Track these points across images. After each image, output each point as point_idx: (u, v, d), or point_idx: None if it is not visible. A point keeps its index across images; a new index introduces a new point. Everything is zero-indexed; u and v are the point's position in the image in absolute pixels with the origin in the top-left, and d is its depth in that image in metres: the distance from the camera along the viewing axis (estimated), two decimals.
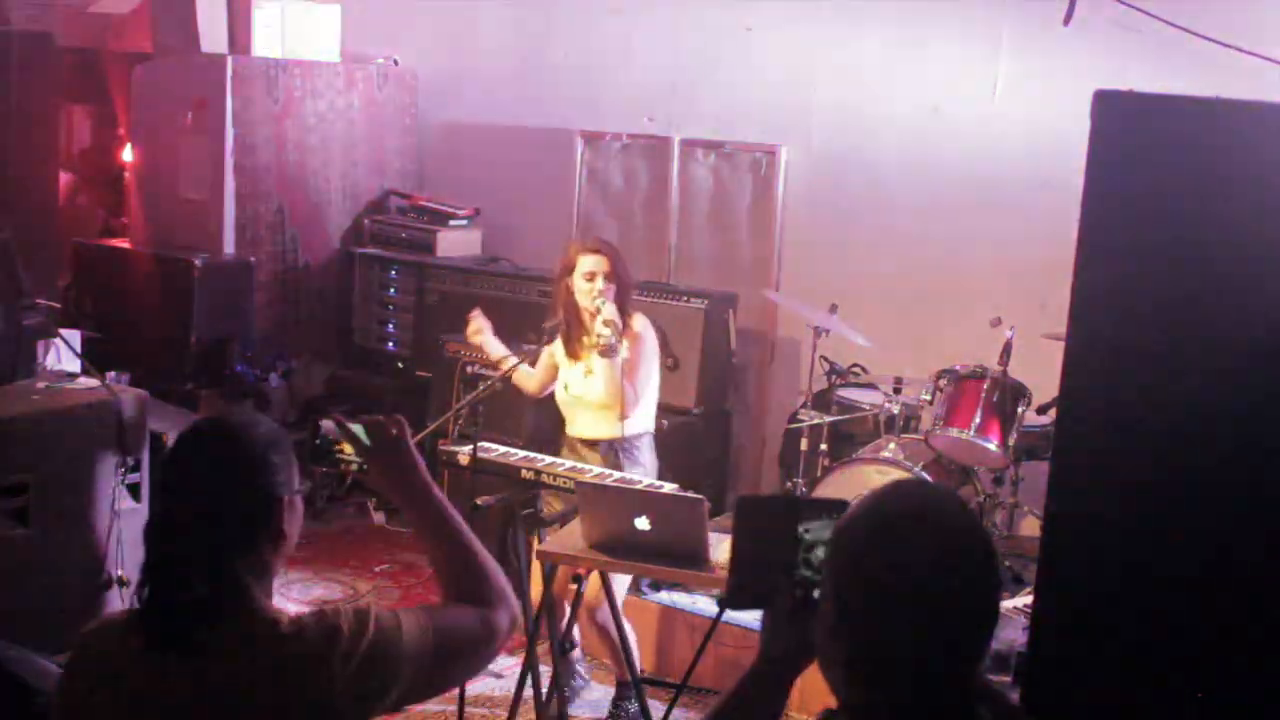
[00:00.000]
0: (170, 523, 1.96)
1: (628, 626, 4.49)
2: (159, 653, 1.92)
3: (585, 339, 4.58)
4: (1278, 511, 2.45)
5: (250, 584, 1.96)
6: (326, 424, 2.23)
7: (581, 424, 4.64)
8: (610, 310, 4.45)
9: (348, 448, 2.22)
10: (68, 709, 2.01)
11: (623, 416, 4.50)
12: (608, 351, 4.41)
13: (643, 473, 4.57)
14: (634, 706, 4.50)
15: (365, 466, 2.21)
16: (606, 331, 4.40)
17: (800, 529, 1.86)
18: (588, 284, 4.51)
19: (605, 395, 4.50)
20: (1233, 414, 2.47)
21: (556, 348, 4.67)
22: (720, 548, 3.82)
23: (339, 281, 7.07)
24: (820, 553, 1.82)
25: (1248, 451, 2.46)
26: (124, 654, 1.95)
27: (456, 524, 2.15)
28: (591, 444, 4.61)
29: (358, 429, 2.17)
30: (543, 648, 4.44)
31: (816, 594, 1.78)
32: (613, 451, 4.57)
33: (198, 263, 6.27)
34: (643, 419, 4.65)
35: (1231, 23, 4.13)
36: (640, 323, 4.64)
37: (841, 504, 1.80)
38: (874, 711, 1.66)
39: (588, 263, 4.53)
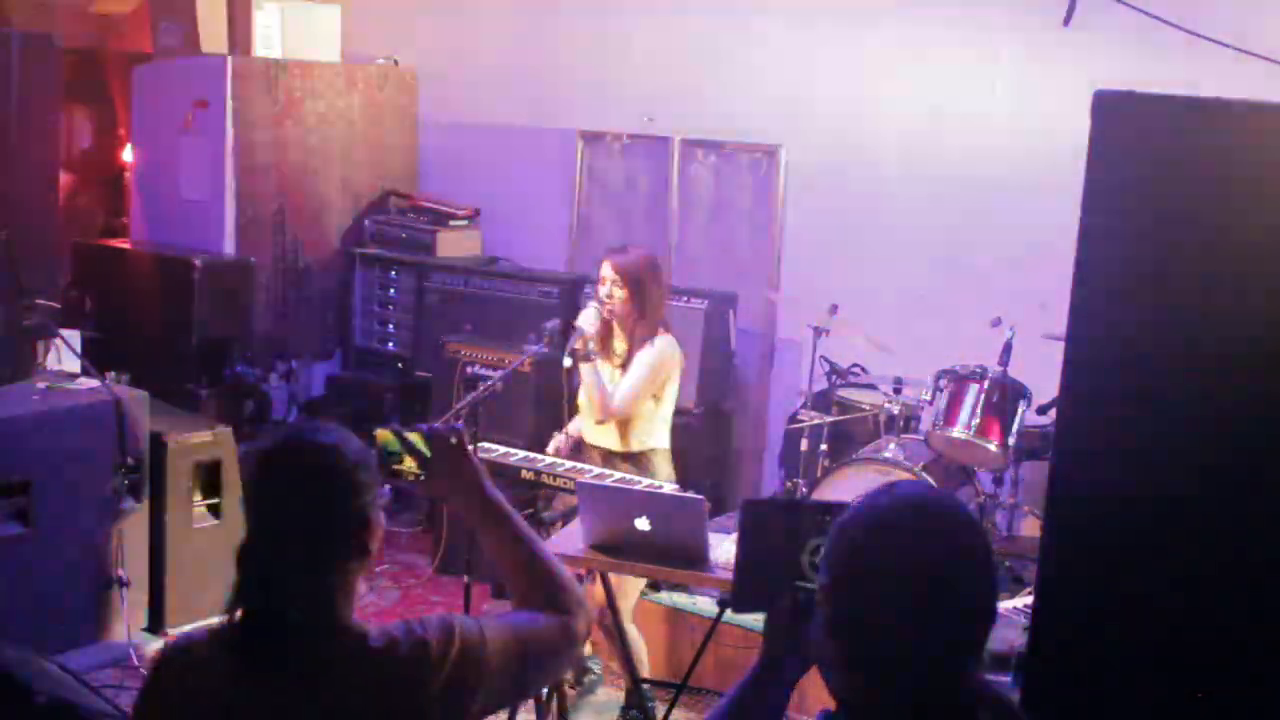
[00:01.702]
0: (266, 541, 1.96)
1: (634, 632, 4.50)
2: (253, 672, 1.92)
3: (615, 350, 4.61)
4: (1278, 511, 2.45)
5: (340, 599, 1.97)
6: (382, 434, 2.20)
7: (596, 434, 4.67)
8: (584, 318, 4.48)
9: (407, 459, 2.19)
10: None
11: (598, 421, 4.54)
12: (584, 358, 4.46)
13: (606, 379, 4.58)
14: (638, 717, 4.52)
15: (424, 478, 2.18)
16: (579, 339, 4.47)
17: (803, 532, 1.87)
18: (600, 288, 4.58)
19: (588, 401, 4.55)
20: (1233, 414, 2.47)
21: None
22: (720, 548, 3.82)
23: (339, 281, 7.07)
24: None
25: (1248, 452, 2.46)
26: (214, 674, 1.94)
27: (525, 531, 2.15)
28: (605, 454, 4.63)
29: (416, 439, 2.16)
30: None
31: (818, 597, 1.79)
32: (623, 463, 4.57)
33: (198, 263, 6.27)
34: (646, 436, 4.63)
35: (1231, 23, 4.13)
36: (659, 341, 4.58)
37: (844, 507, 1.81)
38: (871, 711, 1.66)
39: (602, 268, 4.59)
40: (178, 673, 1.99)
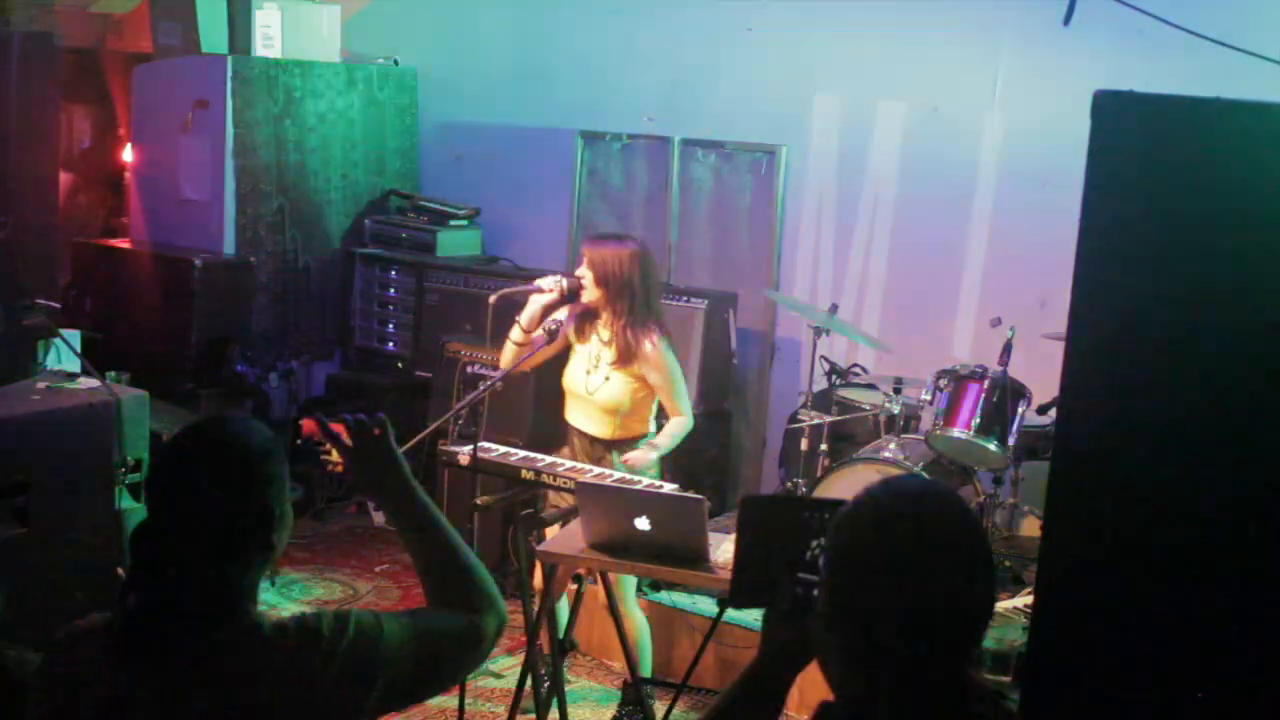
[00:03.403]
0: (162, 529, 1.94)
1: (638, 620, 4.51)
2: (143, 660, 1.90)
3: (598, 331, 4.56)
4: (1278, 511, 2.45)
5: (236, 591, 1.94)
6: (308, 423, 2.19)
7: (581, 418, 4.62)
8: (546, 282, 4.47)
9: (333, 450, 2.19)
10: (45, 716, 1.97)
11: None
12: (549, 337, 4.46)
13: (668, 440, 4.56)
14: (639, 716, 4.51)
15: (346, 468, 2.17)
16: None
17: (802, 528, 1.87)
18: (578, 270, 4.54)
19: (610, 402, 4.50)
20: (1233, 414, 2.47)
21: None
22: (720, 548, 3.82)
23: (339, 281, 7.07)
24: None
25: (1248, 451, 2.46)
26: (105, 660, 1.92)
27: (442, 527, 2.12)
28: (590, 440, 4.61)
29: (339, 429, 2.14)
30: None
31: (816, 593, 1.79)
32: (613, 449, 4.57)
33: (198, 263, 6.27)
34: (638, 424, 4.61)
35: (1231, 23, 4.13)
36: (656, 350, 4.46)
37: (842, 503, 1.81)
38: (868, 704, 1.67)
39: (583, 257, 4.54)
40: (70, 660, 1.96)
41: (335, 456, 2.20)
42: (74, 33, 7.71)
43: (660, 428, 4.67)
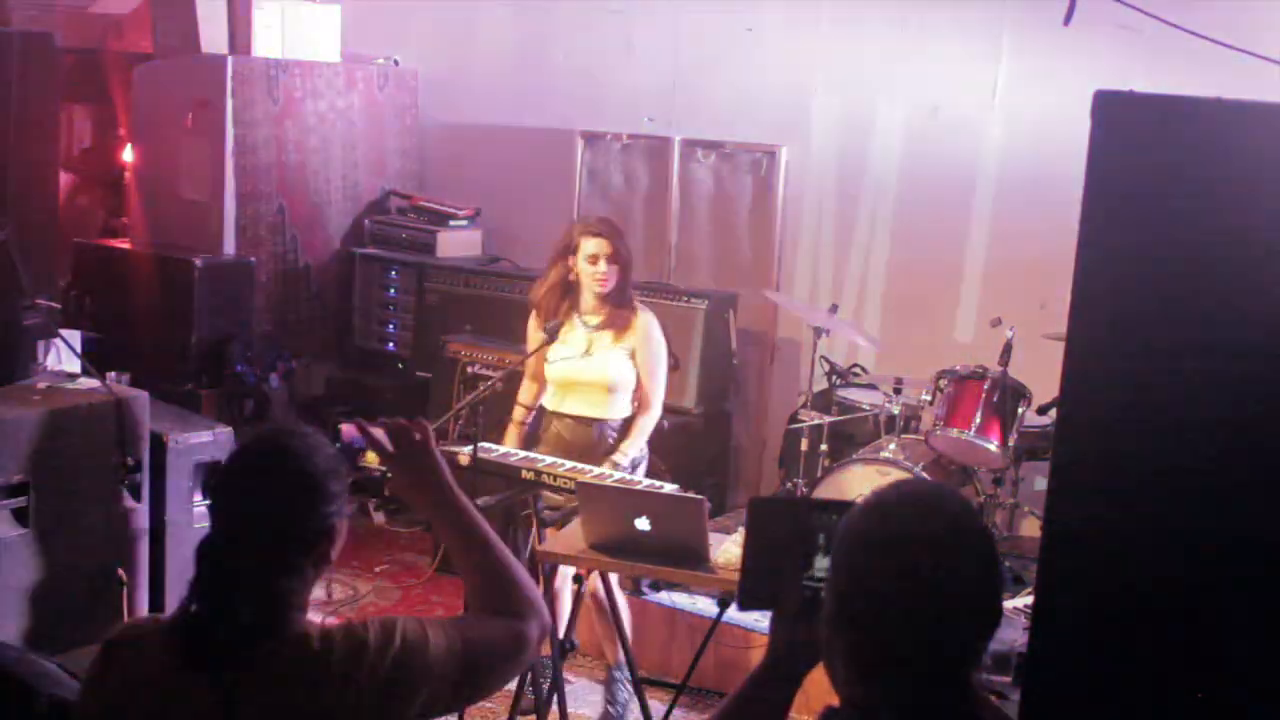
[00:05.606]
0: (225, 541, 1.97)
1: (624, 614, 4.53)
2: (195, 669, 1.93)
3: (582, 317, 4.60)
4: (1278, 511, 2.45)
5: (289, 603, 1.97)
6: (347, 428, 2.19)
7: (572, 402, 4.64)
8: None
9: (371, 454, 2.17)
10: (100, 705, 2.00)
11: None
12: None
13: (636, 450, 4.60)
14: (624, 691, 4.53)
15: (387, 473, 2.17)
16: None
17: (811, 530, 1.87)
18: (591, 267, 4.53)
19: (612, 379, 4.54)
20: (1233, 414, 2.47)
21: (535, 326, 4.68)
22: (721, 548, 3.82)
23: (339, 281, 7.07)
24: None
25: (1248, 451, 2.46)
26: (157, 668, 1.96)
27: (485, 533, 2.12)
28: (583, 421, 4.62)
29: (380, 434, 2.13)
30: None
31: (824, 595, 1.79)
32: (605, 430, 4.59)
33: (198, 263, 6.27)
34: (628, 406, 4.65)
35: (1231, 23, 4.13)
36: (641, 325, 4.60)
37: (851, 505, 1.81)
38: (873, 708, 1.67)
39: (590, 245, 4.53)
40: (124, 661, 2.00)
41: (372, 461, 2.19)
42: (74, 33, 7.71)
43: (658, 427, 4.69)
